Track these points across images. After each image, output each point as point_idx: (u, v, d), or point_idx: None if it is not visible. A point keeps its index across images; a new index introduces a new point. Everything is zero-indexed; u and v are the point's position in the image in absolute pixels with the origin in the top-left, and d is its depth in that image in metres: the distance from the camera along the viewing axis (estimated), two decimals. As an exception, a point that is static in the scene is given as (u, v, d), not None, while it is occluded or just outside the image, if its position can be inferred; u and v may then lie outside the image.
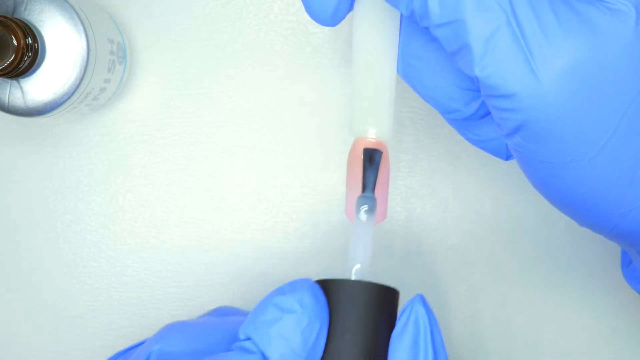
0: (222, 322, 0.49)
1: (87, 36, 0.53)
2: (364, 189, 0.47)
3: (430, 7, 0.41)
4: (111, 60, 0.57)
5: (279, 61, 0.61)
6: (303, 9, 0.60)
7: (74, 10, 0.53)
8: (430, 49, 0.47)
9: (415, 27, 0.47)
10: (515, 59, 0.41)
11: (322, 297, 0.43)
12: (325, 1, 0.46)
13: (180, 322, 0.51)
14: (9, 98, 0.53)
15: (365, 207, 0.47)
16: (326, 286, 0.44)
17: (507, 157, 0.49)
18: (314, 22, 0.60)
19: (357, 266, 0.46)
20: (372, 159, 0.47)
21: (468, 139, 0.50)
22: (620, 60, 0.41)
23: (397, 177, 0.61)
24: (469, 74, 0.42)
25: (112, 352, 0.61)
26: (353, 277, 0.45)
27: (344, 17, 0.46)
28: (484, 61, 0.41)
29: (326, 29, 0.60)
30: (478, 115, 0.48)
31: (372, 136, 0.48)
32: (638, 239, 0.45)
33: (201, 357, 0.46)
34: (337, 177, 0.61)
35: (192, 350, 0.47)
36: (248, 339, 0.43)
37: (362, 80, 0.48)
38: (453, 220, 0.61)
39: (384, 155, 0.48)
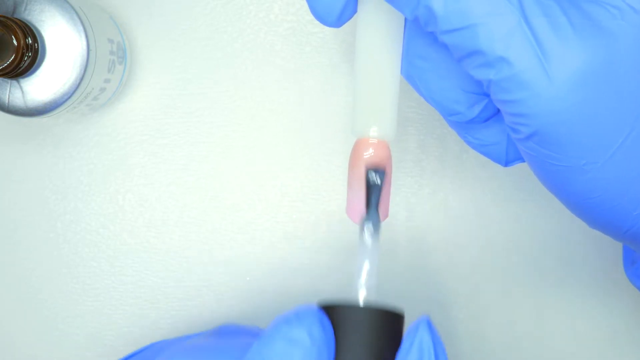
0: (228, 346, 0.48)
1: (87, 36, 0.53)
2: (367, 209, 0.46)
3: (437, 13, 0.41)
4: (111, 60, 0.57)
5: (279, 61, 0.61)
6: (303, 9, 0.60)
7: (74, 10, 0.53)
8: (435, 50, 0.46)
9: (420, 27, 0.46)
10: (529, 63, 0.40)
11: (329, 327, 0.42)
12: (331, 3, 0.45)
13: (184, 342, 0.50)
14: (9, 98, 0.53)
15: (369, 229, 0.45)
16: (331, 312, 0.43)
17: (507, 163, 0.49)
18: (314, 22, 0.61)
19: (363, 290, 0.44)
20: (375, 178, 0.46)
21: (468, 143, 0.49)
22: (633, 60, 0.41)
23: (397, 178, 0.61)
24: (478, 78, 0.42)
25: (112, 352, 0.61)
26: (359, 302, 0.44)
27: (349, 19, 0.45)
28: (498, 66, 0.40)
29: (326, 29, 0.60)
30: (480, 118, 0.48)
31: (374, 135, 0.46)
32: None
33: None
34: (337, 177, 0.61)
35: None
36: None
37: (365, 79, 0.47)
38: (453, 221, 0.61)
39: (386, 155, 0.47)
